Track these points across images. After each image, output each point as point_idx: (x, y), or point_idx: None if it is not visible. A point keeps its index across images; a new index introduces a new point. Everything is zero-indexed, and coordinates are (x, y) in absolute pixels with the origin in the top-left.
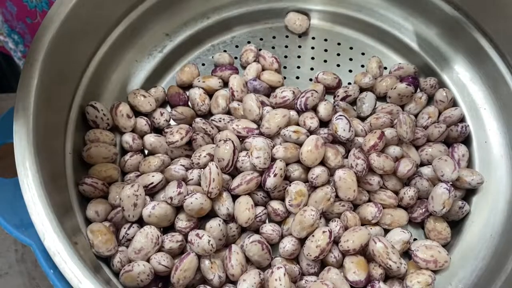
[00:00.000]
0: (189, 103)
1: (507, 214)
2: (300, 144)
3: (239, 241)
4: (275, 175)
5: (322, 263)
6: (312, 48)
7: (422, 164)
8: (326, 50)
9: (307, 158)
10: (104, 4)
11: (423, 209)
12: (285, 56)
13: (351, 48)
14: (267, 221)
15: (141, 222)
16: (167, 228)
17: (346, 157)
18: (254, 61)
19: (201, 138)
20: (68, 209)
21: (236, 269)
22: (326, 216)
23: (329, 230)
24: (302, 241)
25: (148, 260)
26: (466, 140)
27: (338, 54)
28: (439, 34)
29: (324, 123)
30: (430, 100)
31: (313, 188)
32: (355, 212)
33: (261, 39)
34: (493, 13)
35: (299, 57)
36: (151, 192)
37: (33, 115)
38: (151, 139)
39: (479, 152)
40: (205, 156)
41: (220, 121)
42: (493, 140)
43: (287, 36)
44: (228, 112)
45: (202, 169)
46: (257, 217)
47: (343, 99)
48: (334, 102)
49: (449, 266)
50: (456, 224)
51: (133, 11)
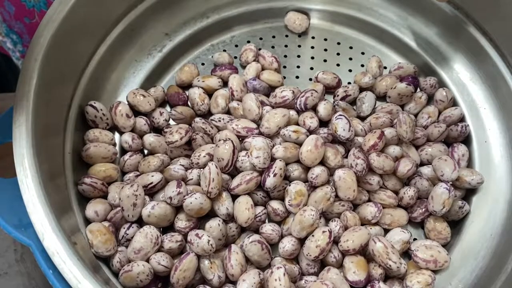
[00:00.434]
0: (189, 103)
1: (507, 214)
2: (300, 144)
3: (239, 241)
4: (275, 175)
5: (322, 263)
6: (312, 48)
7: (422, 164)
8: (326, 50)
9: (307, 158)
10: (104, 4)
11: (423, 209)
12: (285, 56)
13: (351, 48)
14: (267, 221)
15: (141, 222)
16: (167, 228)
17: (346, 157)
18: (254, 61)
19: (201, 138)
20: (67, 209)
21: (236, 269)
22: (326, 216)
23: (329, 230)
24: (302, 241)
25: (148, 260)
26: (466, 140)
27: (338, 54)
28: (439, 34)
29: (324, 123)
30: (430, 100)
31: (313, 188)
32: (355, 212)
33: (261, 39)
34: (493, 13)
35: (299, 57)
36: (151, 192)
37: (32, 115)
38: (151, 139)
39: (479, 152)
40: (205, 156)
41: (220, 121)
42: (493, 140)
43: (287, 36)
44: (228, 112)
45: (202, 169)
46: (257, 217)
47: (343, 99)
48: (334, 102)
49: (449, 266)
50: (456, 224)
51: (133, 11)
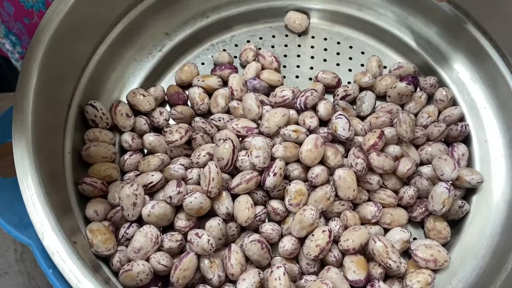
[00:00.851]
0: (189, 102)
1: (507, 213)
2: (300, 143)
3: (239, 241)
4: (275, 174)
5: (322, 263)
6: (312, 47)
7: (422, 164)
8: (326, 49)
9: (307, 158)
10: (103, 3)
11: (423, 208)
12: (285, 55)
13: (351, 47)
14: (267, 221)
15: (141, 222)
16: (167, 228)
17: (346, 156)
18: (254, 60)
19: (201, 138)
20: (67, 209)
21: (236, 269)
22: (326, 216)
23: (329, 230)
24: (302, 241)
25: (148, 260)
26: (466, 139)
27: (338, 53)
28: (439, 33)
29: (324, 122)
30: (430, 99)
31: (313, 188)
32: (355, 212)
33: (261, 38)
34: (493, 12)
35: (299, 56)
36: (151, 192)
37: (32, 115)
38: (151, 138)
39: (479, 151)
40: (205, 156)
41: (220, 120)
42: (493, 139)
43: (287, 35)
44: (228, 111)
45: (202, 169)
46: (257, 217)
47: (343, 98)
48: (334, 101)
49: (449, 265)
50: (456, 223)
51: (132, 10)
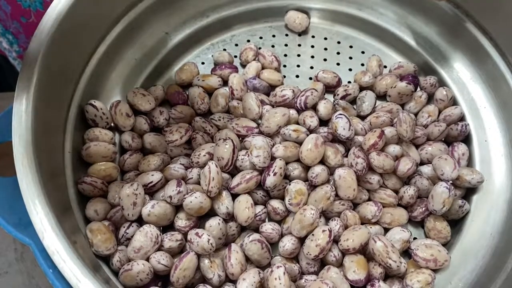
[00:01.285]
0: (189, 102)
1: (507, 213)
2: (300, 143)
3: (239, 240)
4: (275, 174)
5: (322, 262)
6: (312, 47)
7: (422, 163)
8: (326, 49)
9: (307, 157)
10: (103, 2)
11: (423, 208)
12: (285, 55)
13: (351, 47)
14: (267, 220)
15: (141, 221)
16: (167, 227)
17: (346, 156)
18: (254, 60)
19: (201, 137)
20: (67, 208)
21: (236, 268)
22: (326, 215)
23: (329, 229)
24: (302, 240)
25: (148, 259)
26: (466, 139)
27: (338, 53)
28: (439, 33)
29: (324, 122)
30: (430, 99)
31: (313, 187)
32: (355, 211)
33: (261, 38)
34: (493, 12)
35: (299, 56)
36: (151, 191)
37: (32, 114)
38: (151, 138)
39: (479, 151)
40: (205, 155)
41: (220, 120)
42: (493, 139)
43: (287, 35)
44: (228, 111)
45: (202, 168)
46: (257, 216)
47: (343, 98)
48: (334, 101)
49: (449, 265)
50: (456, 223)
51: (133, 10)
